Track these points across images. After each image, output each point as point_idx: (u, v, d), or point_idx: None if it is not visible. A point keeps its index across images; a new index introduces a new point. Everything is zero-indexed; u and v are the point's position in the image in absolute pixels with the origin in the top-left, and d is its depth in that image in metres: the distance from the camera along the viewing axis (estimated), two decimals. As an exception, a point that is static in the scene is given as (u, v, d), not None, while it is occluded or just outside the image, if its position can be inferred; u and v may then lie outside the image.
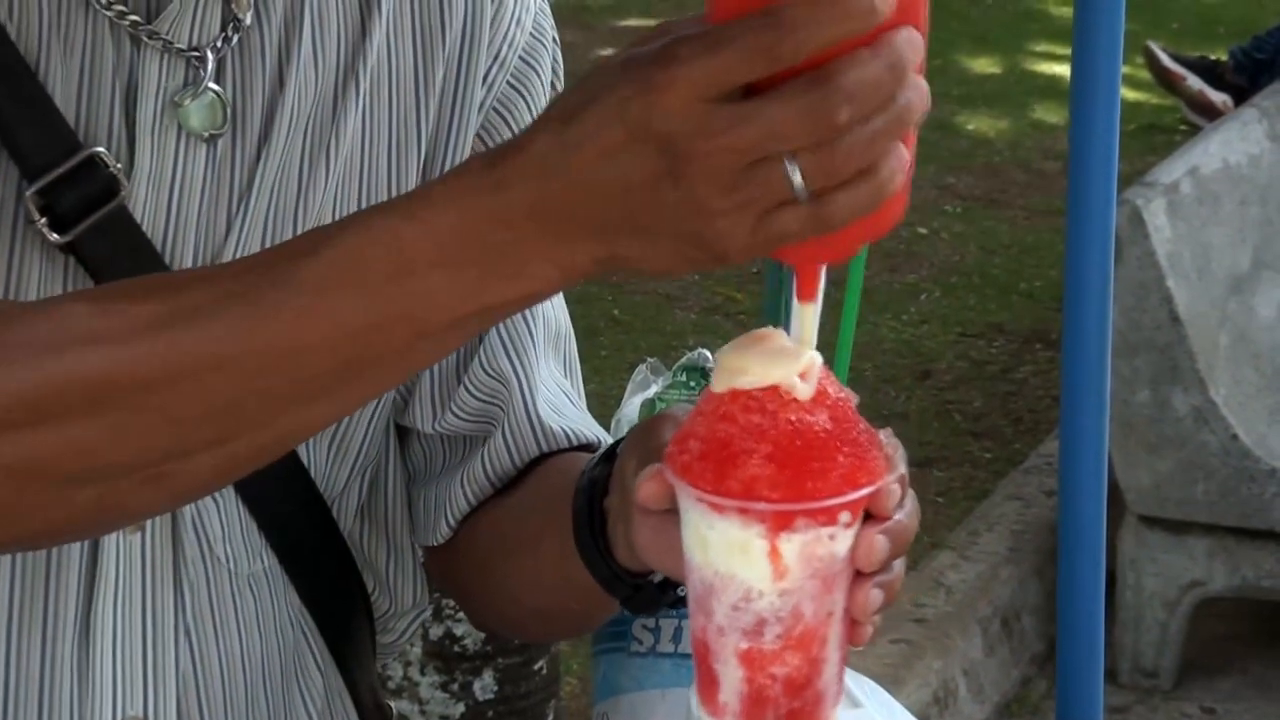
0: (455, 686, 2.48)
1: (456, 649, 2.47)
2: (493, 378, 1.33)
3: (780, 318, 1.10)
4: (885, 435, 1.05)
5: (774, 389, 1.01)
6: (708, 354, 1.13)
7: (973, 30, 7.56)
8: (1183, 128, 6.14)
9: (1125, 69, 2.22)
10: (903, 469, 1.05)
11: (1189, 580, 3.69)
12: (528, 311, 1.33)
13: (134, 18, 1.21)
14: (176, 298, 1.06)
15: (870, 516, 1.03)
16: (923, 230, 5.60)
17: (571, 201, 0.98)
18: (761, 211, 0.96)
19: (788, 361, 1.02)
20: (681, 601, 1.10)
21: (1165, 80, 6.27)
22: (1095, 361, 2.19)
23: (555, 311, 1.36)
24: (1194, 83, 6.19)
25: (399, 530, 1.38)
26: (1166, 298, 3.58)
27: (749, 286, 4.88)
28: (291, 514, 1.30)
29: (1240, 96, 5.54)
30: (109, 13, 1.21)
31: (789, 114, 0.94)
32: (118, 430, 1.05)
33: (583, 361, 1.41)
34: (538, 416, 1.33)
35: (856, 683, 1.24)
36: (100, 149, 1.20)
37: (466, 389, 1.33)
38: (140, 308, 1.06)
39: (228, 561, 1.28)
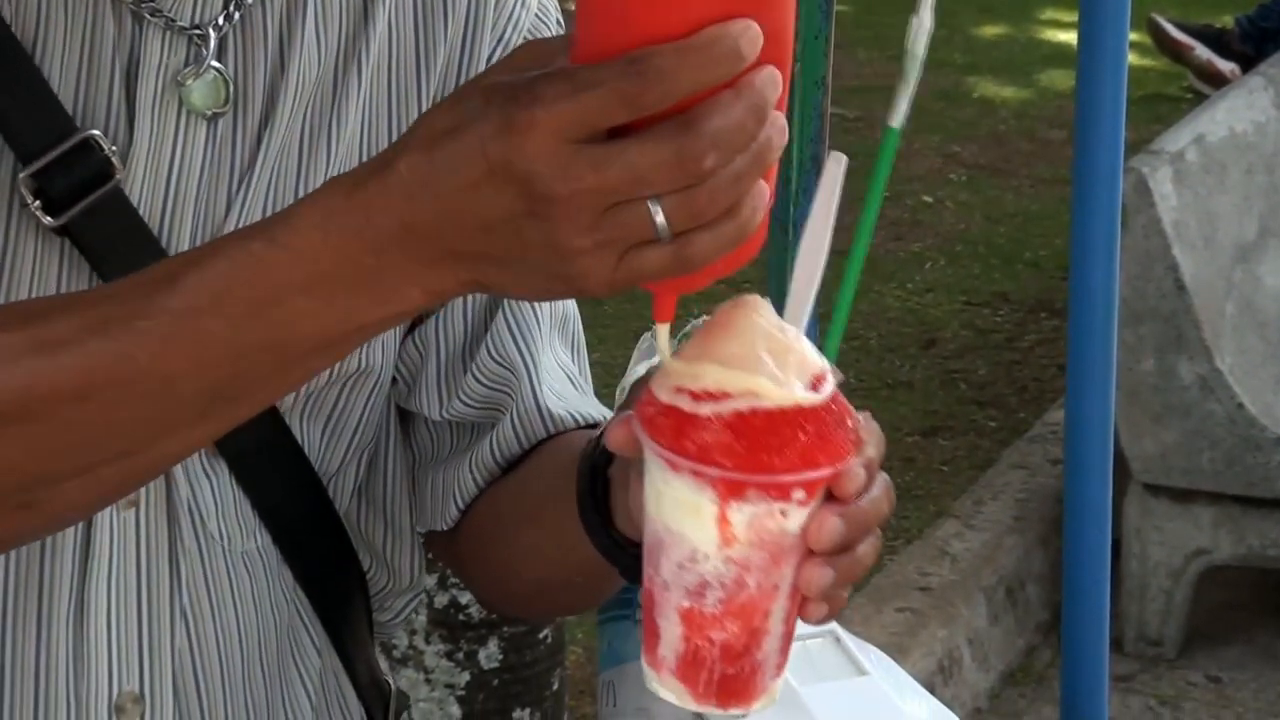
0: (460, 655, 2.48)
1: (461, 617, 2.47)
2: (500, 364, 1.32)
3: (785, 282, 1.10)
4: (864, 419, 1.05)
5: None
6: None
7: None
8: (1189, 96, 6.12)
9: (1131, 37, 2.21)
10: (872, 454, 1.04)
11: (1194, 549, 3.69)
12: None
13: None
14: (38, 328, 1.06)
15: (833, 497, 1.03)
16: (928, 199, 5.59)
17: (436, 229, 0.98)
18: (623, 250, 0.97)
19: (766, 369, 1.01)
20: None
21: (1173, 51, 6.24)
22: (1101, 330, 2.19)
23: None
24: (1202, 52, 6.17)
25: (398, 511, 1.38)
26: (1172, 266, 3.57)
27: (757, 258, 4.87)
28: (286, 492, 1.30)
29: (1246, 65, 5.52)
30: None
31: (653, 160, 0.94)
32: None
33: (588, 331, 1.41)
34: (545, 404, 1.33)
35: (862, 651, 1.24)
36: (95, 131, 1.20)
37: (474, 376, 1.32)
38: (1, 338, 1.05)
39: (222, 539, 1.27)
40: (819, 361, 1.03)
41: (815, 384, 1.02)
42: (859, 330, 4.76)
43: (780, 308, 1.07)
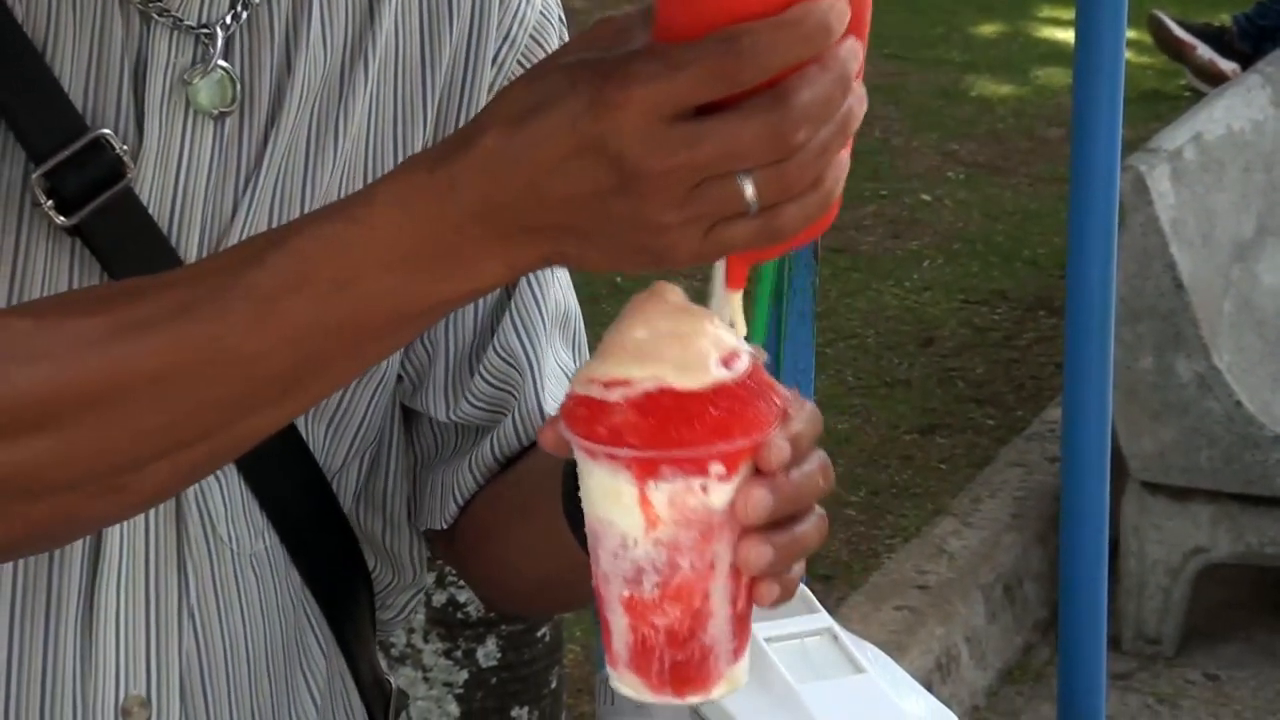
0: (459, 654, 2.49)
1: (459, 616, 2.48)
2: (506, 361, 1.32)
3: (783, 283, 1.10)
4: (792, 394, 1.05)
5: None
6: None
7: (976, -4, 7.54)
8: (1186, 94, 6.13)
9: (1129, 34, 2.21)
10: (800, 428, 1.03)
11: (1192, 547, 3.69)
12: (539, 294, 1.33)
13: None
14: (122, 311, 1.06)
15: (761, 473, 1.03)
16: (926, 197, 5.59)
17: (519, 205, 0.99)
18: (711, 224, 0.97)
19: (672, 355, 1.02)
20: None
21: (1174, 49, 6.24)
22: (1098, 328, 2.19)
23: (563, 293, 1.36)
24: (1204, 52, 6.17)
25: (397, 508, 1.38)
26: (1170, 264, 3.57)
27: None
28: (293, 493, 1.30)
29: (1245, 64, 5.52)
30: None
31: (746, 135, 0.95)
32: (69, 446, 1.06)
33: (586, 327, 1.41)
34: (545, 408, 1.33)
35: (859, 649, 1.24)
36: (106, 131, 1.20)
37: (482, 376, 1.32)
38: (84, 322, 1.06)
39: (230, 541, 1.28)
40: (731, 340, 1.03)
41: (728, 362, 1.02)
42: (856, 329, 4.77)
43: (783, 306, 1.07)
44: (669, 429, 1.00)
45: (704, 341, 1.02)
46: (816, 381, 2.20)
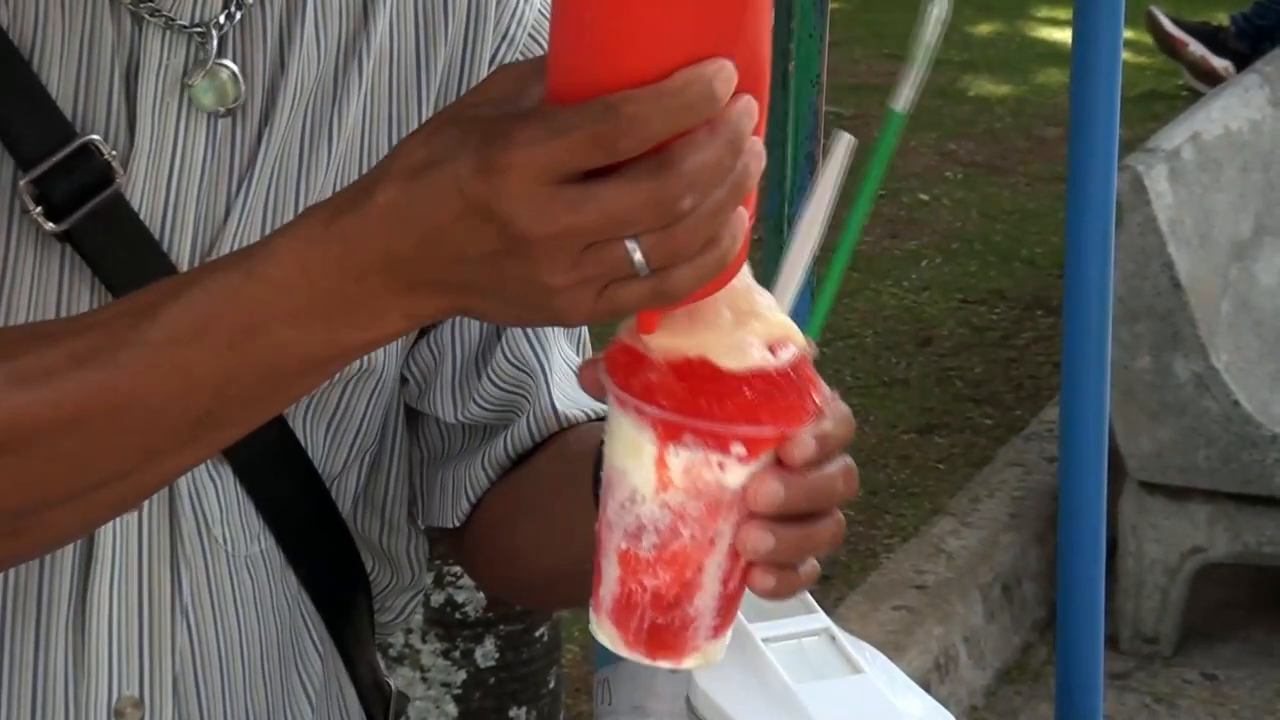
0: (457, 654, 2.49)
1: (458, 616, 2.48)
2: (516, 366, 1.32)
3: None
4: (834, 398, 1.05)
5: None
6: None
7: (974, -4, 7.54)
8: (1184, 94, 6.13)
9: (1127, 34, 2.21)
10: (830, 429, 1.04)
11: (1190, 546, 3.69)
12: None
13: None
14: (20, 359, 1.06)
15: (782, 464, 1.03)
16: (924, 197, 5.59)
17: (416, 259, 0.99)
18: (603, 285, 0.97)
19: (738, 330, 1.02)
20: None
21: (1167, 45, 6.25)
22: (1096, 328, 2.19)
23: None
24: (1196, 49, 6.17)
25: (397, 510, 1.38)
26: (1168, 264, 3.57)
27: (751, 255, 4.88)
28: (290, 496, 1.30)
29: (1241, 63, 5.52)
30: None
31: (630, 201, 0.95)
32: None
33: (592, 325, 1.41)
34: (559, 407, 1.33)
35: (857, 649, 1.24)
36: (95, 136, 1.20)
37: (490, 380, 1.32)
38: None
39: (225, 543, 1.27)
40: (784, 328, 1.03)
41: (774, 348, 1.02)
42: (855, 328, 4.77)
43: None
44: (700, 399, 1.01)
45: (756, 324, 1.02)
46: (814, 381, 2.20)
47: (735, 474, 1.02)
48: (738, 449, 1.02)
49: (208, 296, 1.03)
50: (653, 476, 1.02)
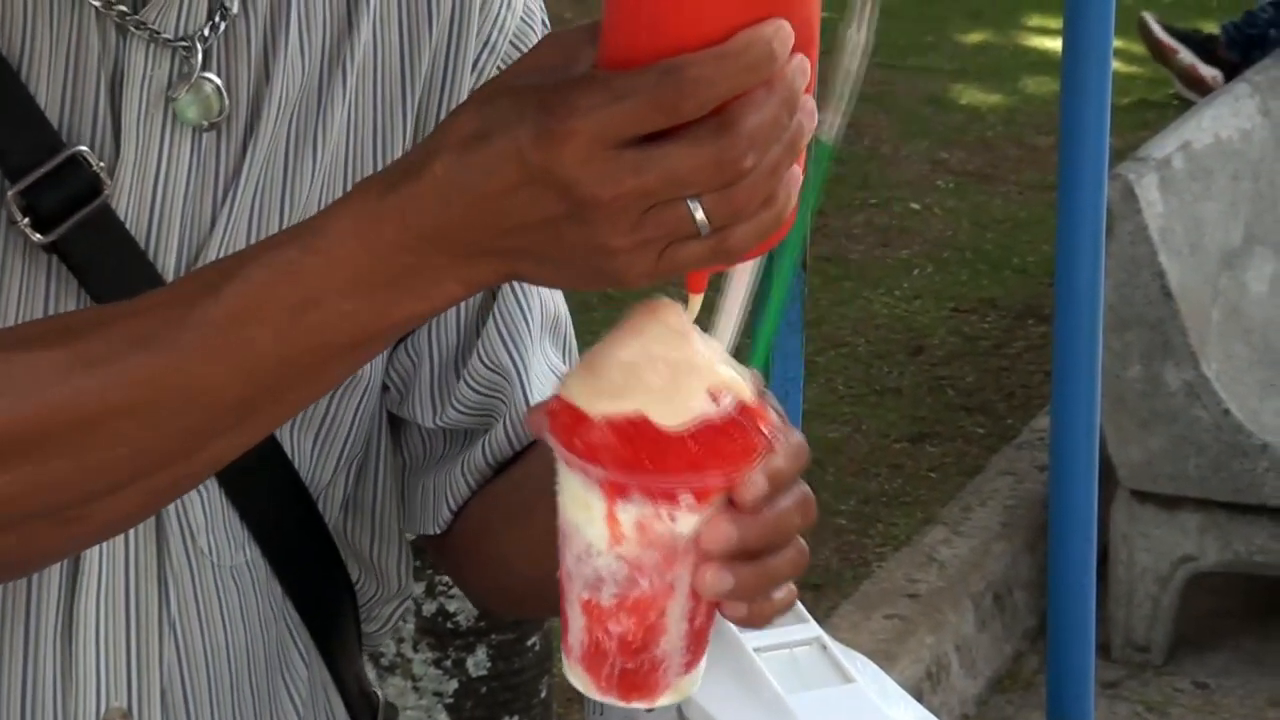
0: (448, 663, 2.48)
1: (449, 625, 2.48)
2: (492, 370, 1.32)
3: (769, 293, 1.10)
4: (785, 430, 1.05)
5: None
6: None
7: (966, 5, 7.55)
8: (1175, 103, 6.13)
9: (1117, 43, 2.22)
10: (781, 464, 1.03)
11: (1181, 555, 3.69)
12: (524, 302, 1.33)
13: (120, 8, 1.20)
14: (79, 344, 1.06)
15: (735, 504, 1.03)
16: (915, 205, 5.59)
17: (472, 230, 0.99)
18: (664, 246, 0.98)
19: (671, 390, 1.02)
20: None
21: (1158, 52, 6.26)
22: (1086, 337, 2.20)
23: (551, 298, 1.36)
24: (1186, 56, 6.18)
25: (386, 517, 1.38)
26: (1159, 273, 3.58)
27: (741, 262, 4.89)
28: (275, 506, 1.30)
29: (1232, 72, 5.52)
30: (95, 3, 1.20)
31: (693, 162, 0.95)
32: (29, 480, 1.06)
33: (576, 336, 1.41)
34: None
35: (849, 658, 1.24)
36: (83, 147, 1.20)
37: (466, 383, 1.32)
38: (44, 355, 1.06)
39: (211, 553, 1.27)
40: (723, 370, 1.03)
41: (715, 396, 1.02)
42: (846, 337, 4.77)
43: (759, 311, 1.07)
44: (643, 457, 1.01)
45: (692, 375, 1.02)
46: (806, 390, 2.20)
47: (687, 522, 1.02)
48: (686, 499, 1.01)
49: (265, 273, 1.03)
50: (605, 531, 1.02)
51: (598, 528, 1.02)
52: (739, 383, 1.03)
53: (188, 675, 1.27)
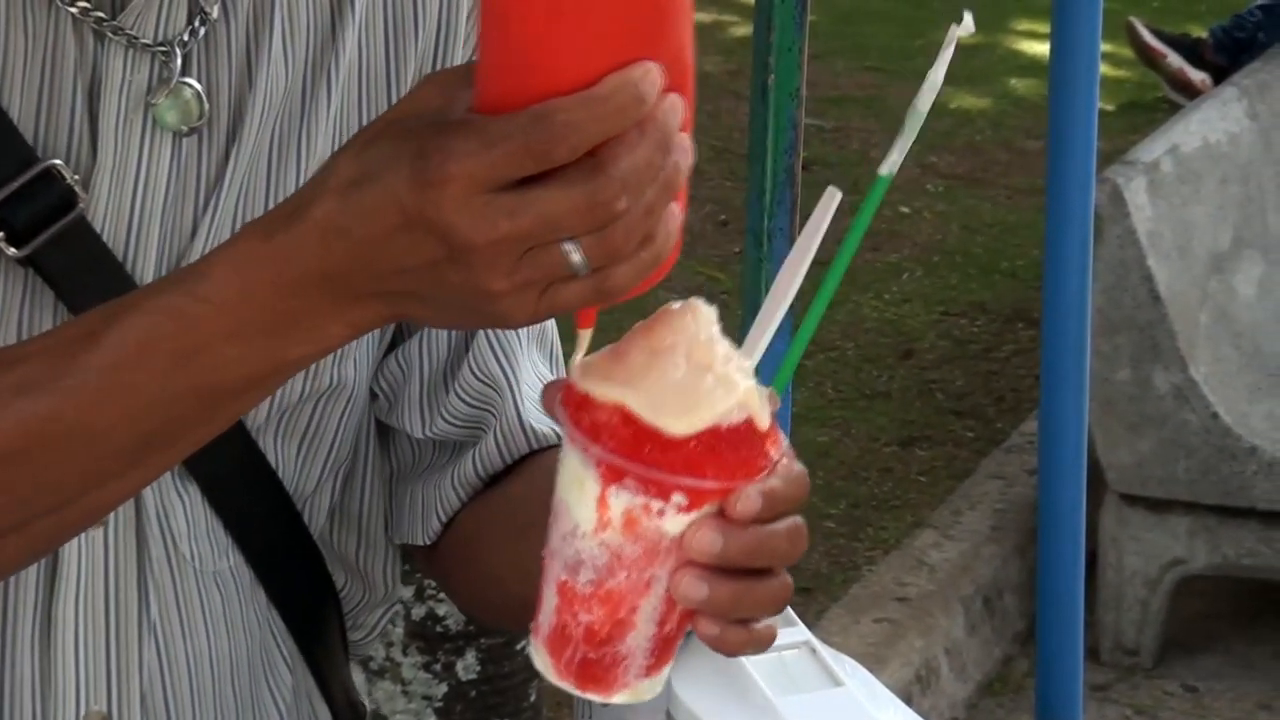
0: (438, 667, 2.48)
1: (439, 629, 2.47)
2: (483, 382, 1.32)
3: (760, 298, 1.11)
4: (790, 460, 1.05)
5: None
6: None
7: (954, 8, 7.55)
8: (1163, 106, 6.14)
9: (1106, 47, 2.22)
10: (778, 485, 1.04)
11: (1170, 558, 3.69)
12: None
13: (98, 13, 1.20)
14: None
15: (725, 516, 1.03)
16: (905, 209, 5.60)
17: (355, 271, 1.00)
18: (544, 288, 0.99)
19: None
20: None
21: (1146, 57, 6.26)
22: (1075, 340, 2.20)
23: None
24: (1174, 60, 6.18)
25: (373, 525, 1.38)
26: (1147, 276, 3.58)
27: (731, 267, 4.89)
28: (258, 513, 1.30)
29: (1220, 76, 5.53)
30: (72, 9, 1.19)
31: (566, 205, 0.96)
32: None
33: (566, 342, 1.41)
34: (528, 421, 1.33)
35: (838, 662, 1.24)
36: (57, 161, 1.19)
37: (457, 395, 1.32)
38: None
39: (193, 559, 1.27)
40: (739, 384, 1.03)
41: (728, 406, 1.02)
42: (836, 341, 4.77)
43: (753, 319, 1.07)
44: (644, 446, 1.01)
45: (709, 379, 1.02)
46: (796, 394, 2.20)
47: (675, 522, 1.03)
48: (678, 498, 1.02)
49: (149, 320, 1.04)
50: (593, 514, 1.03)
51: (588, 510, 1.03)
52: (755, 399, 1.04)
53: (169, 680, 1.27)
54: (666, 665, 1.07)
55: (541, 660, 1.07)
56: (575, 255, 0.97)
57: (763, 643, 1.07)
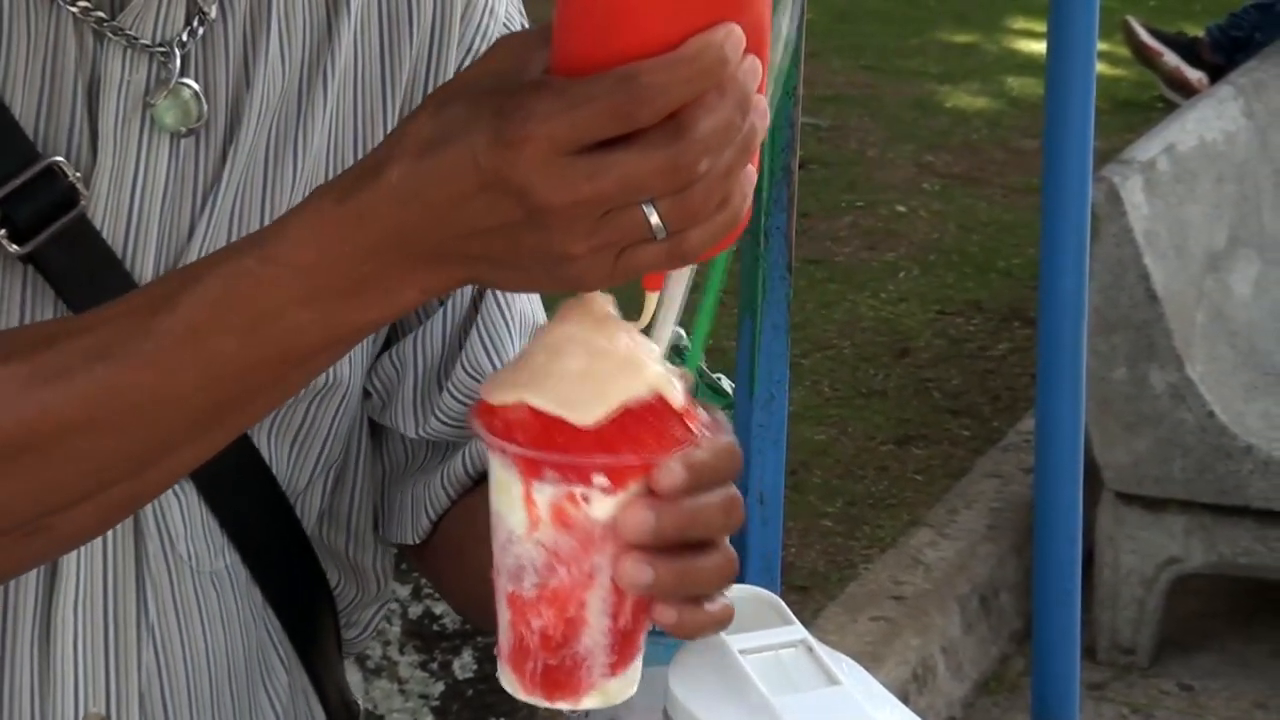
0: (434, 665, 2.48)
1: (435, 628, 2.47)
2: (476, 379, 1.32)
3: (758, 297, 1.11)
4: (714, 424, 1.05)
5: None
6: (682, 331, 1.14)
7: (952, 7, 7.56)
8: (1159, 105, 6.14)
9: (1103, 46, 2.22)
10: (705, 458, 1.04)
11: (1166, 557, 3.70)
12: (506, 310, 1.33)
13: (98, 14, 1.20)
14: (39, 358, 1.06)
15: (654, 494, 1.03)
16: (901, 208, 5.60)
17: (430, 233, 1.00)
18: (620, 250, 0.99)
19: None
20: None
21: (1143, 56, 6.26)
22: (1071, 339, 2.20)
23: (530, 305, 1.36)
24: (1171, 59, 6.18)
25: (362, 523, 1.38)
26: (1143, 275, 3.58)
27: (729, 263, 4.88)
28: (253, 513, 1.30)
29: (1216, 74, 5.53)
30: (73, 9, 1.19)
31: (647, 168, 0.96)
32: None
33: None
34: None
35: (834, 661, 1.24)
36: (59, 158, 1.19)
37: (450, 393, 1.32)
38: (2, 371, 1.05)
39: (190, 559, 1.27)
40: (648, 366, 1.03)
41: (635, 387, 1.02)
42: (833, 339, 4.77)
43: (751, 319, 1.07)
44: (554, 434, 1.02)
45: (610, 363, 1.03)
46: (793, 393, 2.20)
47: (602, 506, 1.03)
48: (600, 480, 1.02)
49: (223, 283, 1.03)
50: (523, 515, 1.03)
51: (517, 513, 1.03)
52: (663, 378, 1.04)
53: (167, 680, 1.27)
54: (632, 662, 1.07)
55: (508, 679, 1.08)
56: (654, 218, 0.97)
57: (722, 621, 1.08)
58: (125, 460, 1.07)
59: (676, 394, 1.04)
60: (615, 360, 1.03)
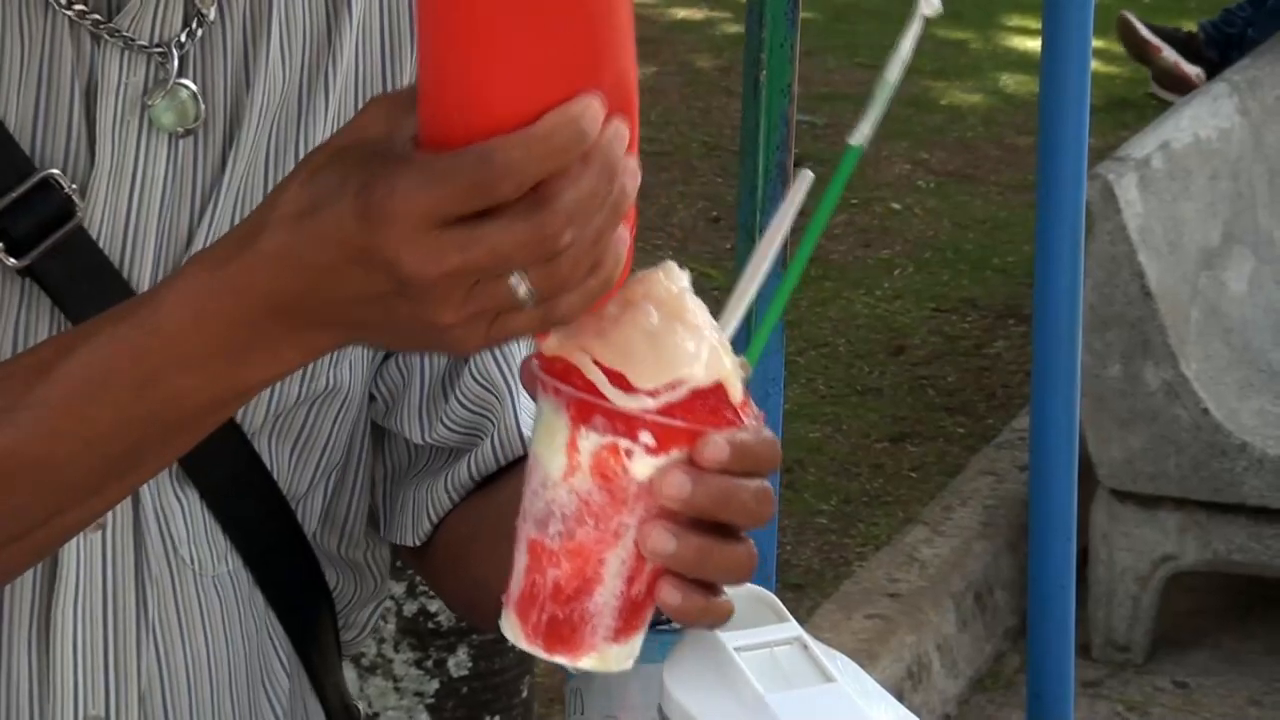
0: (430, 663, 2.48)
1: (430, 626, 2.47)
2: (484, 387, 1.33)
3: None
4: (758, 419, 1.06)
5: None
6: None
7: (947, 5, 7.54)
8: (1152, 103, 6.14)
9: (1096, 43, 2.22)
10: (747, 439, 1.04)
11: (1161, 554, 3.70)
12: None
13: (94, 16, 1.19)
14: None
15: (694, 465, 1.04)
16: (896, 205, 5.60)
17: (305, 301, 1.00)
18: (493, 318, 0.99)
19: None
20: None
21: (1140, 51, 6.26)
22: (1065, 336, 2.20)
23: None
24: (1169, 55, 6.18)
25: (356, 528, 1.38)
26: (1138, 272, 3.59)
27: (723, 263, 4.89)
28: (256, 517, 1.30)
29: (1211, 71, 5.54)
30: (69, 12, 1.19)
31: (512, 240, 0.96)
32: None
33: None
34: (524, 426, 1.33)
35: (829, 658, 1.24)
36: (55, 170, 1.19)
37: (458, 400, 1.32)
38: None
39: (193, 563, 1.27)
40: (709, 345, 1.04)
41: (696, 366, 1.04)
42: (828, 337, 4.77)
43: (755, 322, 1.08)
44: (615, 386, 1.03)
45: (679, 333, 1.04)
46: (787, 390, 2.21)
47: (643, 465, 1.03)
48: (646, 437, 1.03)
49: (101, 352, 1.04)
50: (563, 460, 1.04)
51: (558, 456, 1.04)
52: (727, 369, 1.05)
53: (167, 683, 1.27)
54: (636, 634, 1.08)
55: (511, 625, 1.08)
56: (522, 288, 0.98)
57: (720, 616, 1.08)
58: (9, 524, 1.08)
59: (737, 388, 1.05)
60: (686, 334, 1.04)
